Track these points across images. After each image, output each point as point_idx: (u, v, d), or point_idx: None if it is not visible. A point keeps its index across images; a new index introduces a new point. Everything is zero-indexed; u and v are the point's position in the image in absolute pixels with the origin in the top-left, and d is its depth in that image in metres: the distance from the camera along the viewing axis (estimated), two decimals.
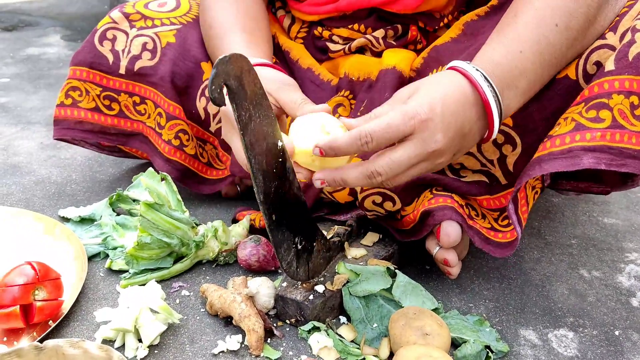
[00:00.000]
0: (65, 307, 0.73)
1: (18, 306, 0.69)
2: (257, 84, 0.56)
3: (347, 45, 0.91)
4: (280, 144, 0.61)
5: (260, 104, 0.57)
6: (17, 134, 1.29)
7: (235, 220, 0.94)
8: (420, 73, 0.86)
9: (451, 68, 0.67)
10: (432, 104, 0.62)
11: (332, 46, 0.92)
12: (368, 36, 0.90)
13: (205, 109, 0.94)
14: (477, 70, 0.65)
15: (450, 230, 0.74)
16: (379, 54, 0.91)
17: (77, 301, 0.75)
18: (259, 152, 0.58)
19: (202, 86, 0.95)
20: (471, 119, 0.65)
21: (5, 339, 0.69)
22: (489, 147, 0.77)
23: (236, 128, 0.68)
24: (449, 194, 0.79)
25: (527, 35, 0.67)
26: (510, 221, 0.74)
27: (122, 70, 0.95)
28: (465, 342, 0.69)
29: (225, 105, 0.52)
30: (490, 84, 0.65)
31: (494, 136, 0.68)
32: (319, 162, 0.63)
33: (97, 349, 0.61)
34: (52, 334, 0.70)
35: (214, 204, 1.02)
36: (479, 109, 0.65)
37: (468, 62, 0.67)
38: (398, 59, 0.86)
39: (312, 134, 0.62)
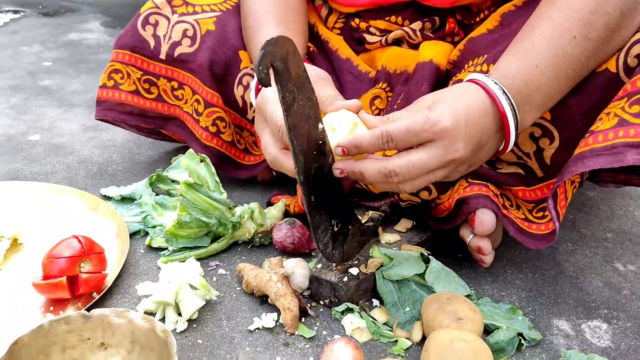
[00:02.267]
0: (109, 281, 0.76)
1: (65, 277, 0.72)
2: (301, 67, 0.57)
3: (384, 37, 0.91)
4: (320, 126, 0.62)
5: (304, 86, 0.58)
6: (60, 116, 1.33)
7: (269, 204, 0.96)
8: (456, 65, 0.86)
9: (470, 80, 0.68)
10: (456, 114, 0.63)
11: (369, 38, 0.93)
12: (405, 28, 0.90)
13: (242, 97, 0.96)
14: (495, 83, 0.66)
15: (485, 218, 0.75)
16: (415, 46, 0.91)
17: (119, 276, 0.78)
18: (300, 134, 0.59)
19: (240, 74, 0.96)
20: (490, 131, 0.66)
21: (52, 308, 0.72)
22: (525, 140, 0.77)
23: (267, 122, 0.70)
24: (485, 182, 0.79)
25: (544, 48, 0.68)
26: (550, 217, 0.75)
27: (162, 56, 0.97)
28: (498, 328, 0.70)
29: (271, 85, 0.54)
30: (508, 98, 0.66)
31: (509, 149, 0.69)
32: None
33: (141, 319, 0.63)
34: (95, 306, 0.73)
35: (249, 187, 1.04)
36: (497, 121, 0.66)
37: (487, 75, 0.68)
38: (435, 51, 0.86)
39: (339, 130, 0.64)
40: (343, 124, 0.64)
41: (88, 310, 0.64)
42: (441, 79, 0.85)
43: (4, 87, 1.47)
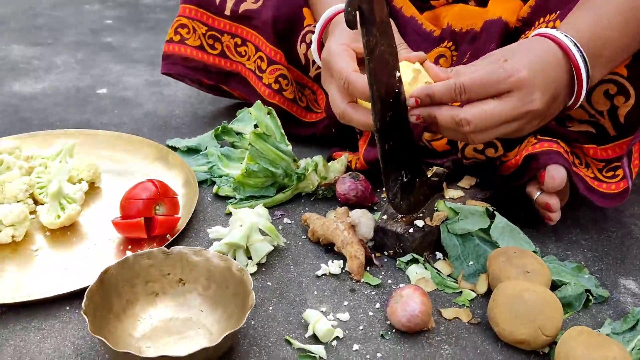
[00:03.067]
0: (181, 224, 0.79)
1: (142, 218, 0.75)
2: (385, 12, 0.57)
3: None
4: (397, 74, 0.62)
5: (386, 32, 0.58)
6: (124, 71, 1.37)
7: (330, 160, 0.97)
8: (526, 23, 0.84)
9: (539, 35, 0.67)
10: (533, 64, 0.63)
11: None
12: None
13: (305, 55, 0.96)
14: (566, 36, 0.65)
15: (555, 174, 0.74)
16: (483, 3, 0.89)
17: (189, 221, 0.81)
18: (380, 80, 0.60)
19: (303, 32, 0.96)
20: (562, 84, 0.66)
21: (130, 247, 0.76)
22: (599, 97, 0.75)
23: (333, 76, 0.71)
24: (555, 139, 0.78)
25: (613, 4, 0.66)
26: (622, 175, 0.73)
27: (227, 12, 0.98)
28: (565, 284, 0.70)
29: (357, 27, 0.54)
30: (580, 50, 0.65)
31: (579, 104, 0.68)
32: None
33: (217, 258, 0.66)
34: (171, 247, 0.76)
35: (310, 143, 1.05)
36: (569, 75, 0.66)
37: (556, 29, 0.67)
38: (504, 8, 0.84)
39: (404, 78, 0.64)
40: (406, 72, 0.65)
41: (167, 247, 0.67)
42: (510, 37, 0.84)
43: (69, 43, 1.52)
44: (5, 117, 1.12)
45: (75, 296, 0.67)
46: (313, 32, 0.95)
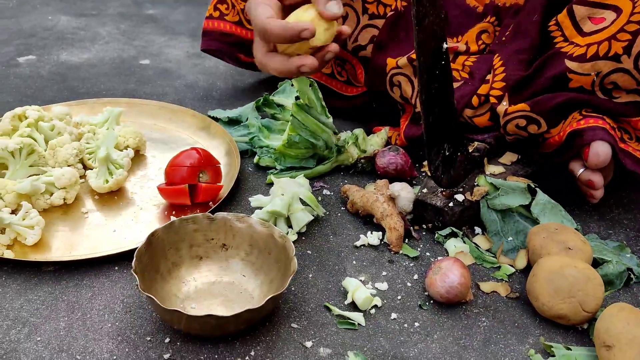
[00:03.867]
0: (223, 192, 0.81)
1: (187, 185, 0.77)
2: None
3: None
4: (445, 46, 0.62)
5: (435, 3, 0.58)
6: (166, 43, 1.39)
7: (370, 134, 0.97)
8: None
9: None
10: None
11: None
12: None
13: None
14: None
15: (600, 150, 0.72)
16: None
17: (231, 190, 0.83)
18: (427, 52, 0.60)
19: None
20: None
21: (174, 212, 0.78)
22: None
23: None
24: (600, 115, 0.76)
25: None
26: None
27: None
28: (607, 262, 0.69)
29: None
30: None
31: None
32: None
33: (260, 225, 0.68)
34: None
35: (349, 117, 1.06)
36: None
37: None
38: None
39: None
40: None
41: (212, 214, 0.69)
42: (557, 7, 0.81)
43: (113, 14, 1.55)
44: (54, 85, 1.15)
45: (123, 257, 0.70)
46: (348, 4, 0.95)
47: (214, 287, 0.67)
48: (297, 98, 0.88)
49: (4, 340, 0.59)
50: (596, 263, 0.70)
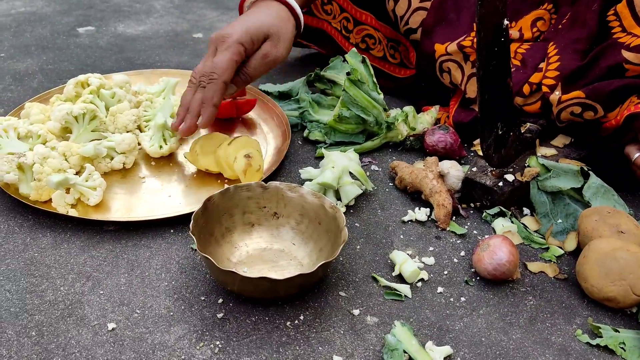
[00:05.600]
0: (274, 164, 0.83)
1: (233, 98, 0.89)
2: None
3: None
4: (505, 22, 0.62)
5: None
6: (218, 18, 1.41)
7: (419, 112, 0.97)
8: None
9: None
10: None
11: None
12: None
13: (393, 11, 0.96)
14: None
15: None
16: None
17: (282, 162, 0.85)
18: (488, 27, 0.59)
19: None
20: None
21: (226, 180, 0.81)
22: None
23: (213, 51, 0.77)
24: None
25: None
26: None
27: None
28: None
29: None
30: None
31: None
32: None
33: (311, 195, 0.69)
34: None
35: (399, 95, 1.06)
36: None
37: None
38: None
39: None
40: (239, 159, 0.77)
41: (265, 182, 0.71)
42: None
43: None
44: (112, 56, 1.19)
45: (178, 221, 0.73)
46: None
47: (265, 254, 0.69)
48: (348, 74, 0.89)
49: (70, 291, 0.63)
50: None
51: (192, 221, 0.63)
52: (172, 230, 0.72)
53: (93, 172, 0.75)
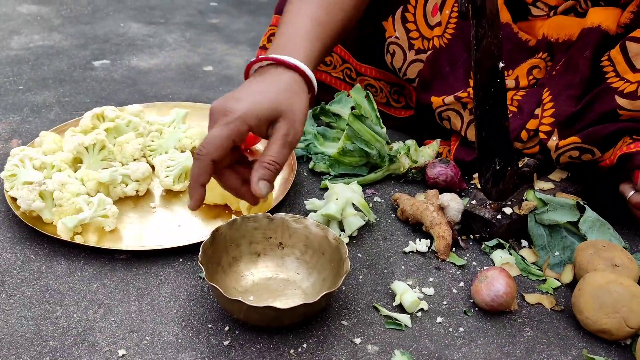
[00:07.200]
0: (280, 195, 0.86)
1: None
2: (495, 5, 0.60)
3: (552, 11, 0.89)
4: (501, 65, 0.65)
5: (494, 23, 0.61)
6: (228, 51, 1.46)
7: (421, 145, 1.00)
8: (628, 29, 0.82)
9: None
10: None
11: (534, 11, 0.91)
12: None
13: (391, 64, 1.00)
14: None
15: None
16: (582, 15, 0.88)
17: (287, 193, 0.88)
18: (483, 70, 0.63)
19: (386, 43, 0.99)
20: None
21: (234, 211, 0.84)
22: None
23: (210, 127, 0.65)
24: None
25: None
26: None
27: None
28: None
29: (469, 19, 0.58)
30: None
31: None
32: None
33: (315, 227, 0.72)
34: None
35: (401, 128, 1.09)
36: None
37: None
38: (604, 16, 0.83)
39: None
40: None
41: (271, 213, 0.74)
42: (609, 44, 0.83)
43: (179, 23, 1.63)
44: (125, 89, 1.23)
45: (187, 250, 0.76)
46: (395, 43, 0.98)
47: (270, 283, 0.71)
48: (352, 108, 0.92)
49: (82, 318, 0.66)
50: None
51: (200, 251, 0.66)
52: (181, 259, 0.75)
53: (104, 202, 0.77)
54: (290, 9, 0.80)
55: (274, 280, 0.72)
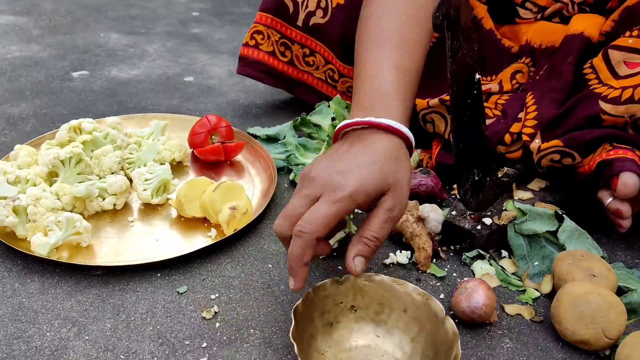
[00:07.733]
0: (260, 207, 0.85)
1: (221, 143, 0.96)
2: (470, 17, 0.60)
3: (540, 14, 0.90)
4: (477, 76, 0.65)
5: (469, 36, 0.61)
6: (209, 61, 1.46)
7: None
8: (610, 36, 0.83)
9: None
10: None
11: (522, 12, 0.92)
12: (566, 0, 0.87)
13: None
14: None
15: (628, 181, 0.74)
16: (566, 20, 0.89)
17: (268, 204, 0.87)
18: (460, 82, 0.63)
19: None
20: None
21: (212, 224, 0.83)
22: None
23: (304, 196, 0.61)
24: (631, 147, 0.78)
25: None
26: None
27: (299, 22, 1.04)
28: (631, 290, 0.70)
29: (444, 32, 0.58)
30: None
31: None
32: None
33: (392, 282, 0.65)
34: (248, 230, 0.82)
35: None
36: None
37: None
38: (587, 24, 0.84)
39: None
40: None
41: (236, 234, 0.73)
42: (591, 51, 0.84)
43: (160, 33, 1.63)
44: (104, 100, 1.22)
45: (164, 265, 0.75)
46: None
47: (353, 354, 0.63)
48: (333, 119, 0.92)
49: (55, 337, 0.64)
50: (621, 291, 0.71)
51: (292, 342, 0.57)
52: (159, 274, 0.74)
53: (73, 221, 0.75)
54: (368, 59, 0.71)
55: (356, 350, 0.63)
